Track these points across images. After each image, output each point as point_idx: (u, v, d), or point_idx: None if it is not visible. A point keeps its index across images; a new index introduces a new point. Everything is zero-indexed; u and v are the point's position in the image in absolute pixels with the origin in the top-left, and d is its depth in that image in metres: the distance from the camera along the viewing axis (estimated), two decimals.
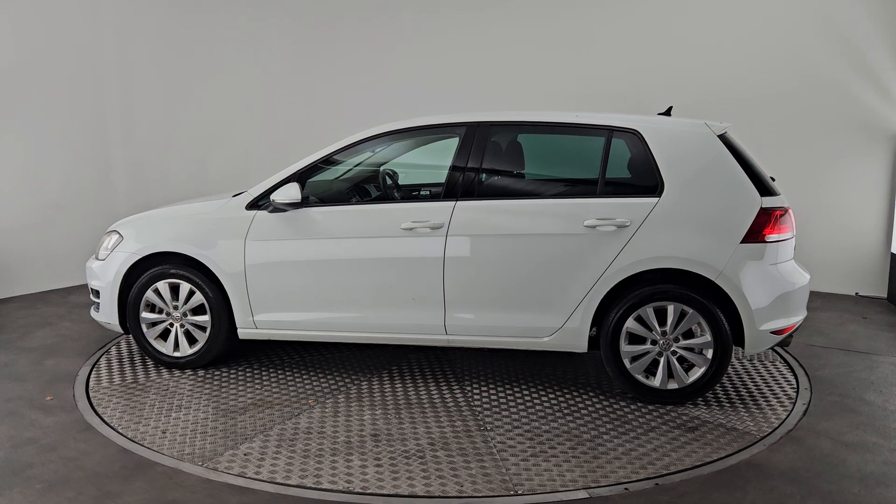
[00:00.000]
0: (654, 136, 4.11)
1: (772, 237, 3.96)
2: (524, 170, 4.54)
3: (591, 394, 4.30)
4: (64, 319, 5.82)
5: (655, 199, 4.01)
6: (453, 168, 4.29)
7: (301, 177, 4.42)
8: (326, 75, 8.35)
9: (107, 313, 4.72)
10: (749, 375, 4.58)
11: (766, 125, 6.88)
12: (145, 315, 4.65)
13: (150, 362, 4.79)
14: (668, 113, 4.56)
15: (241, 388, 4.43)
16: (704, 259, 3.94)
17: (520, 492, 3.19)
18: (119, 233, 4.76)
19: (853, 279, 6.77)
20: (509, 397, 4.26)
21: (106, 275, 4.69)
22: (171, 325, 4.67)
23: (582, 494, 3.15)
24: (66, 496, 3.11)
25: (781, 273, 4.00)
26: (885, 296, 6.60)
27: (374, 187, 4.95)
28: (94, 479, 3.26)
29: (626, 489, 3.19)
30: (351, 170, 4.84)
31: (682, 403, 4.10)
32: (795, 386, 4.42)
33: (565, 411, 4.06)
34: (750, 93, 6.91)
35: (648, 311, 4.03)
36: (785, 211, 4.03)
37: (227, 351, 4.75)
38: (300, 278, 4.40)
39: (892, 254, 6.47)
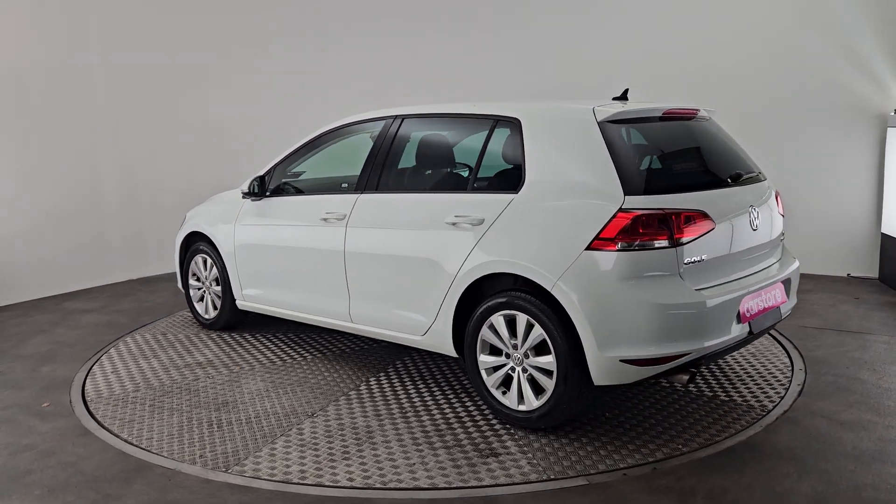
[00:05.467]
0: (530, 125, 3.70)
1: (626, 244, 3.24)
2: (420, 163, 4.47)
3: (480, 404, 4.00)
4: (58, 326, 5.80)
5: (513, 196, 3.62)
6: (365, 161, 4.38)
7: (272, 171, 4.92)
8: (316, 70, 8.34)
9: (179, 281, 5.76)
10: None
11: (755, 110, 6.90)
12: (192, 282, 5.61)
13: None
14: (624, 96, 4.07)
15: (217, 348, 5.15)
16: (540, 265, 3.40)
17: (226, 470, 3.33)
18: (185, 215, 5.73)
19: (845, 260, 6.80)
20: (410, 395, 4.15)
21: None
22: (204, 292, 5.51)
23: (581, 482, 3.17)
24: (65, 501, 3.10)
25: (642, 289, 3.23)
26: (877, 276, 6.64)
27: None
28: (94, 482, 3.26)
29: (624, 474, 3.21)
30: (311, 163, 5.14)
31: (532, 431, 3.60)
32: (790, 367, 4.44)
33: (423, 411, 3.90)
34: (738, 77, 6.93)
35: (499, 320, 3.59)
36: (663, 214, 3.26)
37: (237, 318, 5.42)
38: (265, 259, 4.91)
39: (882, 234, 6.51)
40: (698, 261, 3.37)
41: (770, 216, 3.93)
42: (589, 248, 3.29)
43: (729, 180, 3.74)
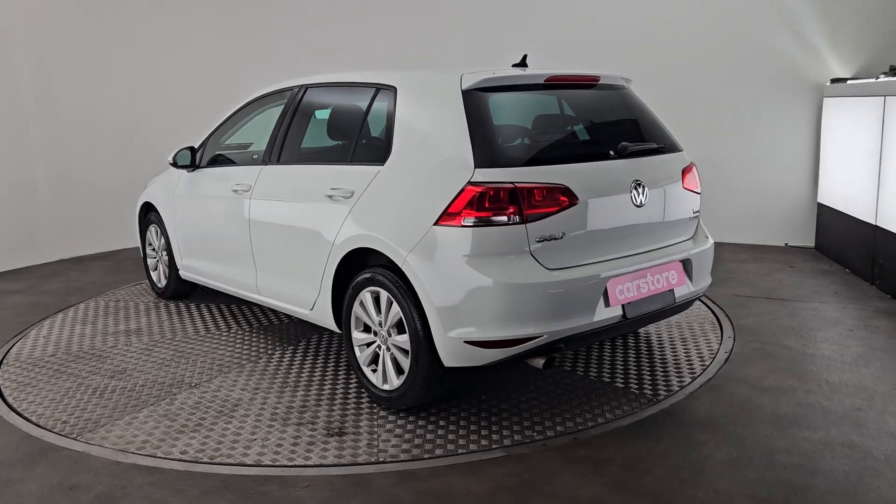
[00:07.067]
0: (403, 93, 3.55)
1: (473, 220, 3.05)
2: (314, 134, 4.33)
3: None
4: None
5: (380, 167, 3.51)
6: (271, 133, 4.32)
7: (205, 143, 4.95)
8: (251, 40, 8.11)
9: (140, 250, 5.85)
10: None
11: (692, 78, 6.90)
12: (148, 252, 5.71)
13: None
14: (523, 63, 3.83)
15: (156, 316, 5.21)
16: (393, 240, 3.29)
17: (75, 437, 3.35)
18: (146, 184, 5.70)
19: (782, 230, 6.89)
20: (302, 370, 4.08)
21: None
22: (157, 261, 5.59)
23: (499, 453, 3.13)
24: None
25: (487, 268, 3.04)
26: (813, 245, 6.73)
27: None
28: None
29: (543, 445, 3.18)
30: (249, 133, 5.10)
31: (395, 412, 3.50)
32: (719, 336, 4.46)
33: (302, 387, 3.84)
34: (674, 46, 6.91)
35: (366, 297, 3.50)
36: (513, 188, 3.05)
37: (186, 287, 5.42)
38: (193, 230, 4.98)
39: (819, 203, 6.59)
40: (556, 238, 3.13)
41: (668, 193, 3.61)
42: (437, 222, 3.13)
43: (612, 153, 3.46)
